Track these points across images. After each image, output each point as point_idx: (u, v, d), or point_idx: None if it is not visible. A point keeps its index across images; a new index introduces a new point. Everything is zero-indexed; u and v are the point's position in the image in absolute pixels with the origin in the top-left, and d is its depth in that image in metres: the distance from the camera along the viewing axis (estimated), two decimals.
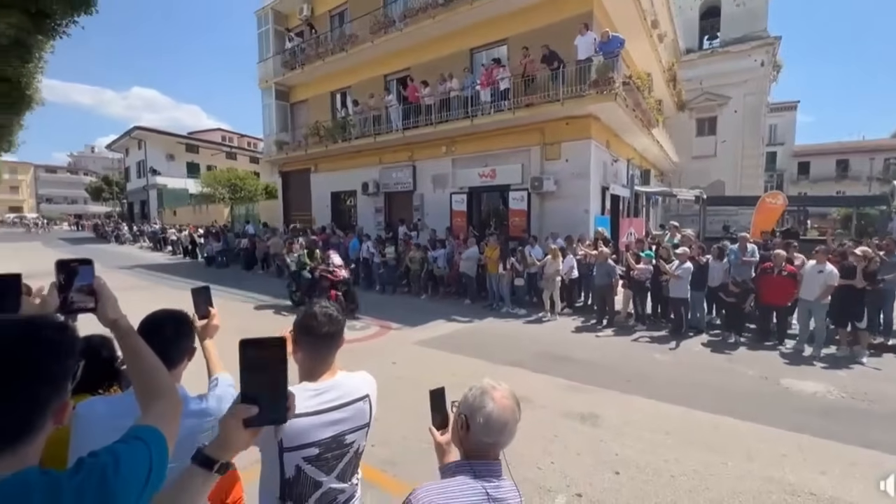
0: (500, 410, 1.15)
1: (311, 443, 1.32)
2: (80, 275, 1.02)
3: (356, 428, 1.41)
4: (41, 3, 4.97)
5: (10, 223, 45.79)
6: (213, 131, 44.09)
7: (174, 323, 1.38)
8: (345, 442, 1.38)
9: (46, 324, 0.74)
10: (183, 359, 1.40)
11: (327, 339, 1.41)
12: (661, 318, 7.85)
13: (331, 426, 1.35)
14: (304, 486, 1.34)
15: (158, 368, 1.00)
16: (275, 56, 17.28)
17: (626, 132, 12.44)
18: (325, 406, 1.36)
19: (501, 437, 1.16)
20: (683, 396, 4.72)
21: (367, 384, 1.50)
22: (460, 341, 6.92)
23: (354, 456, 1.43)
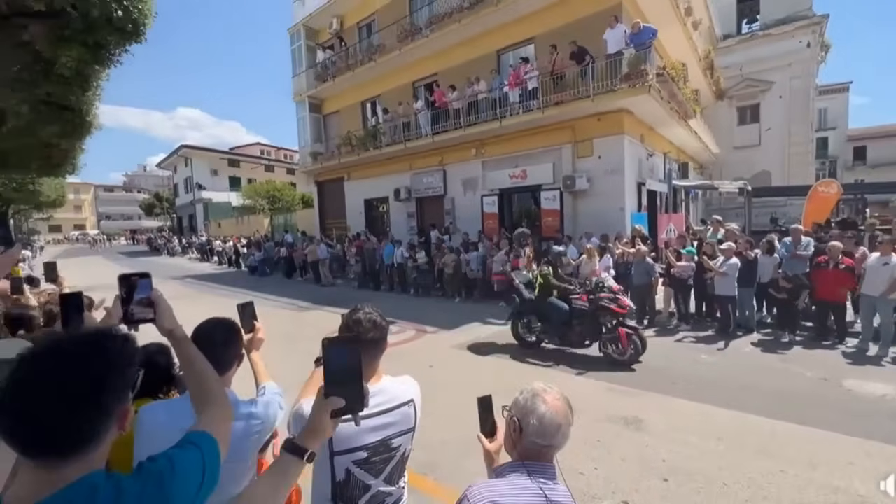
0: (553, 413, 1.17)
1: (359, 447, 1.36)
2: (139, 288, 1.10)
3: (402, 432, 1.44)
4: (98, 35, 5.35)
5: (74, 240, 49.71)
6: (253, 146, 46.15)
7: (224, 331, 1.46)
8: (391, 446, 1.42)
9: (110, 336, 0.80)
10: (232, 364, 1.48)
11: (372, 345, 1.43)
12: (706, 317, 7.51)
13: (378, 430, 1.39)
14: (354, 488, 1.39)
15: (211, 375, 1.07)
16: (307, 70, 17.90)
17: (662, 125, 12.02)
18: (372, 411, 1.37)
19: (555, 440, 1.17)
20: (734, 400, 4.48)
21: (412, 389, 1.52)
22: (496, 344, 6.88)
23: (401, 460, 1.46)
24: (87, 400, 0.71)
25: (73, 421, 0.70)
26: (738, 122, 21.61)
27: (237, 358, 1.51)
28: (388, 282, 12.63)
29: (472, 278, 10.64)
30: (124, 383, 0.77)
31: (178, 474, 0.76)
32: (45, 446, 0.68)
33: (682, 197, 13.70)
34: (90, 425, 0.71)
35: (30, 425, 0.67)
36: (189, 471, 0.79)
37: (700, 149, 16.61)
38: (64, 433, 0.69)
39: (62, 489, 0.67)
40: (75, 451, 0.70)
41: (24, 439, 0.68)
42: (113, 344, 0.78)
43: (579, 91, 9.90)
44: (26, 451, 0.69)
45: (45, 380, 0.69)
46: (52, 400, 0.67)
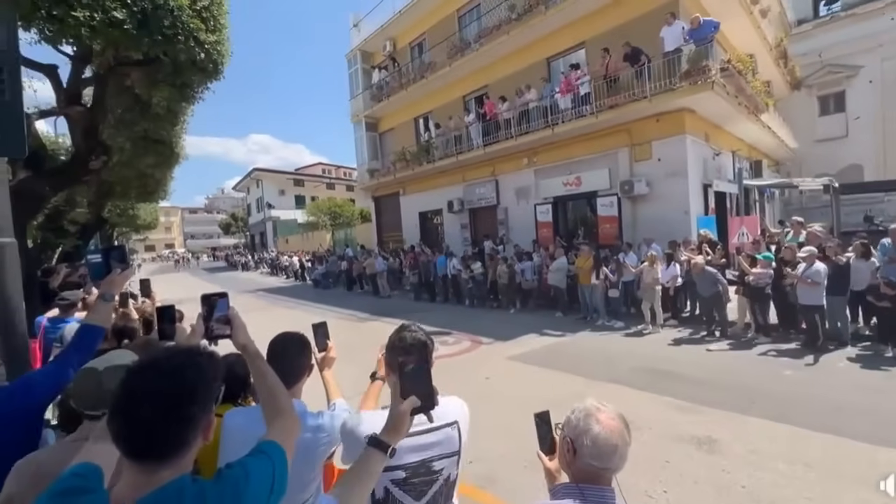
0: (608, 433, 1.10)
1: (398, 466, 1.33)
2: (218, 307, 1.24)
3: (445, 455, 1.39)
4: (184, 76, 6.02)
5: (165, 258, 55.49)
6: (315, 166, 49.10)
7: (295, 344, 1.59)
8: (433, 468, 1.38)
9: (200, 353, 0.91)
10: (303, 375, 1.60)
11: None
12: (788, 329, 6.83)
13: (418, 450, 1.36)
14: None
15: (279, 389, 1.17)
16: (363, 92, 18.81)
17: (729, 122, 11.24)
18: (412, 429, 1.32)
19: (612, 462, 1.10)
20: (827, 422, 4.02)
21: (457, 410, 1.46)
22: (554, 356, 6.72)
23: (445, 485, 1.40)
24: (181, 410, 0.81)
25: (170, 428, 0.79)
26: (820, 113, 19.62)
27: (306, 370, 1.63)
28: (443, 293, 12.78)
29: (526, 288, 10.50)
30: (210, 396, 0.88)
31: (252, 482, 0.85)
32: (146, 449, 0.79)
33: (756, 198, 12.63)
34: (182, 433, 0.81)
35: (135, 429, 0.78)
36: (261, 478, 0.87)
37: (775, 144, 15.25)
38: (162, 439, 0.79)
39: (156, 490, 0.78)
40: (169, 455, 0.80)
41: (129, 442, 0.78)
42: (202, 360, 0.89)
43: (635, 93, 9.54)
44: (132, 454, 0.80)
45: (148, 390, 0.80)
46: (153, 408, 0.78)
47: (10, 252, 2.72)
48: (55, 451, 1.29)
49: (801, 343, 6.34)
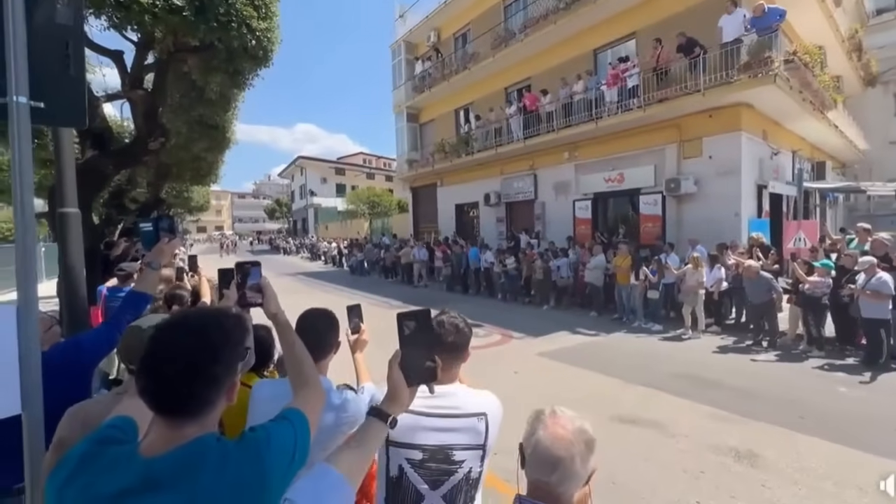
0: (551, 441, 0.95)
1: (415, 444, 1.32)
2: (251, 275, 1.28)
3: (468, 446, 1.33)
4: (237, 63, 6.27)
5: (215, 239, 58.25)
6: (356, 155, 50.09)
7: (324, 319, 1.62)
8: (453, 458, 1.32)
9: (227, 315, 0.93)
10: (330, 351, 1.62)
11: (451, 349, 1.41)
12: (846, 343, 6.33)
13: (437, 432, 1.33)
14: (406, 492, 1.33)
15: (307, 360, 1.19)
16: (406, 83, 18.93)
17: (791, 119, 10.47)
18: (433, 410, 1.34)
19: (551, 477, 0.94)
20: (886, 444, 3.71)
21: (487, 403, 1.41)
22: (586, 355, 6.57)
23: (465, 481, 1.33)
24: (204, 368, 0.82)
25: (193, 385, 0.81)
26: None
27: (334, 346, 1.65)
28: (476, 286, 12.76)
29: (561, 286, 10.29)
30: (235, 357, 0.89)
31: (274, 445, 0.87)
32: (172, 405, 0.82)
33: (817, 202, 11.73)
34: (205, 391, 0.83)
35: (159, 385, 0.81)
36: (283, 443, 0.89)
37: (841, 145, 14.06)
38: (185, 396, 0.81)
39: (182, 445, 0.80)
40: (193, 412, 0.82)
41: (153, 396, 0.81)
42: (228, 322, 0.90)
43: (687, 86, 9.05)
44: (158, 409, 0.82)
45: (172, 347, 0.82)
46: (176, 365, 0.80)
47: (73, 221, 2.96)
48: (102, 402, 1.38)
49: (859, 359, 5.87)
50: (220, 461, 0.80)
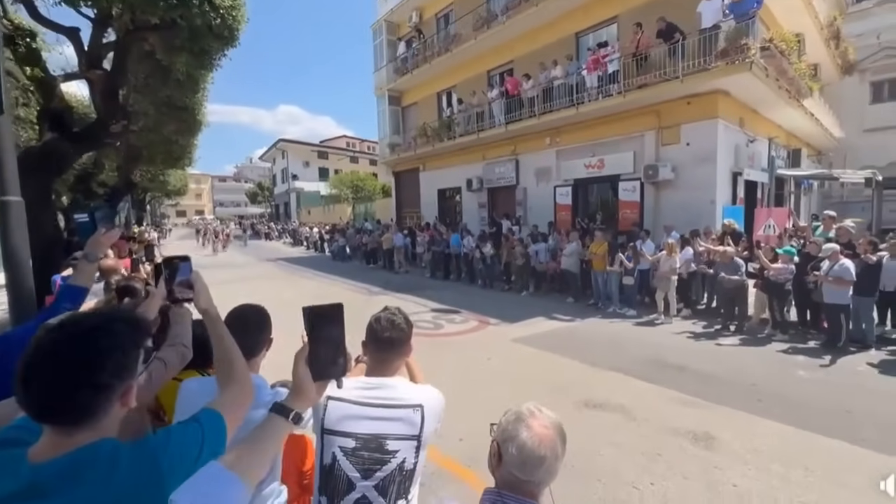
0: (537, 442, 0.99)
1: (348, 433, 1.34)
2: (180, 270, 1.23)
3: (402, 436, 1.35)
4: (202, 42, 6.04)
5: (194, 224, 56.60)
6: (339, 138, 49.16)
7: (256, 316, 1.58)
8: (386, 448, 1.34)
9: (117, 320, 0.87)
10: (262, 349, 1.58)
11: (387, 344, 1.46)
12: (808, 327, 6.54)
13: (371, 421, 1.35)
14: (338, 481, 1.33)
15: (237, 356, 1.15)
16: (388, 64, 18.51)
17: (767, 106, 10.57)
18: (368, 400, 1.38)
19: (535, 475, 0.99)
20: (838, 427, 3.86)
21: (426, 396, 1.44)
22: (560, 340, 6.66)
23: (399, 472, 1.34)
24: (87, 376, 0.79)
25: (70, 397, 0.77)
26: (872, 101, 18.24)
27: (266, 343, 1.62)
28: (457, 272, 12.78)
29: (540, 271, 10.37)
30: (126, 364, 0.85)
31: (173, 448, 0.84)
32: (50, 415, 0.78)
33: (792, 189, 11.94)
34: (90, 399, 0.79)
35: (33, 398, 0.77)
36: (186, 445, 0.86)
37: (817, 133, 14.30)
38: (61, 407, 0.77)
39: (70, 451, 0.77)
40: (79, 422, 0.79)
41: (30, 409, 0.78)
42: (119, 326, 0.85)
43: (666, 72, 9.04)
44: (37, 419, 0.79)
45: (51, 356, 0.78)
46: (56, 373, 0.76)
47: (16, 210, 2.83)
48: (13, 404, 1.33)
49: (820, 343, 6.08)
50: (109, 468, 0.78)
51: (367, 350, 1.54)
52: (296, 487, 2.12)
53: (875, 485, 3.05)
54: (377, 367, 1.49)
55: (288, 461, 2.08)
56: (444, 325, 7.76)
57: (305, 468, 2.18)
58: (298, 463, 2.16)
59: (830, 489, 3.03)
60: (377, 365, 1.49)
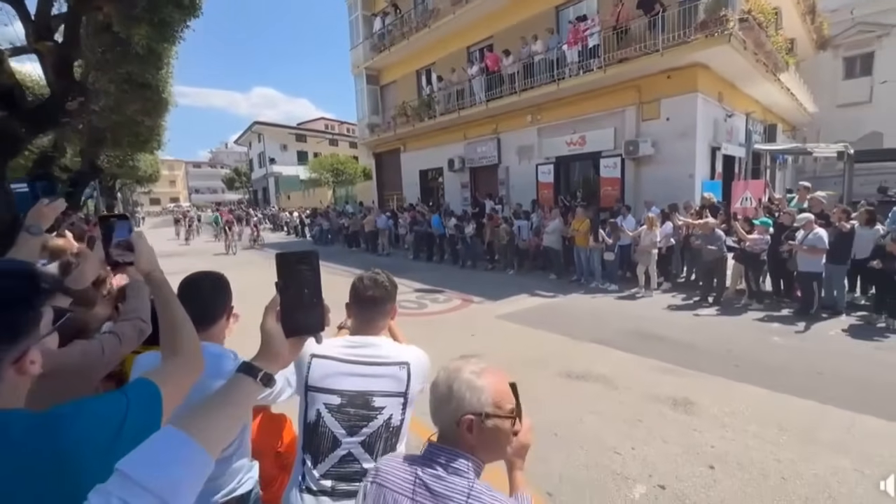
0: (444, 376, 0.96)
1: (334, 389, 1.33)
2: (116, 230, 1.09)
3: (388, 393, 1.35)
4: (162, 13, 5.68)
5: (170, 211, 54.71)
6: (317, 121, 47.97)
7: (210, 281, 1.46)
8: (373, 404, 1.33)
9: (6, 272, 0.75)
10: (220, 316, 1.47)
11: (370, 303, 1.46)
12: (782, 296, 6.70)
13: (356, 378, 1.35)
14: (322, 437, 1.32)
15: (184, 324, 1.03)
16: (364, 41, 17.94)
17: (745, 81, 10.63)
18: (353, 357, 1.38)
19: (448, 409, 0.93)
20: (810, 388, 3.97)
21: (412, 355, 1.43)
22: (542, 316, 6.68)
23: (385, 428, 1.33)
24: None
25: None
26: (845, 76, 18.56)
27: (226, 310, 1.51)
28: (440, 253, 12.70)
29: (523, 249, 10.37)
30: (14, 323, 0.73)
31: (82, 420, 0.73)
32: None
33: (767, 164, 12.13)
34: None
35: None
36: (102, 417, 0.76)
37: (793, 108, 14.53)
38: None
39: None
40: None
41: None
42: (5, 283, 0.73)
43: (646, 45, 8.96)
44: None
45: None
46: None
47: None
48: None
49: (793, 311, 6.24)
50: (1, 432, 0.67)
51: (351, 312, 1.54)
52: (273, 468, 2.04)
53: (848, 442, 3.16)
54: (361, 327, 1.48)
55: (263, 439, 2.00)
56: (427, 304, 7.71)
57: (283, 448, 2.10)
58: (274, 441, 2.08)
59: (802, 446, 3.11)
60: (361, 325, 1.49)
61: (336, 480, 1.30)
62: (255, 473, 1.57)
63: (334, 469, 1.30)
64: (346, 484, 1.29)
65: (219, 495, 1.41)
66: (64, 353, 1.38)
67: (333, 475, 1.30)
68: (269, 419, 2.10)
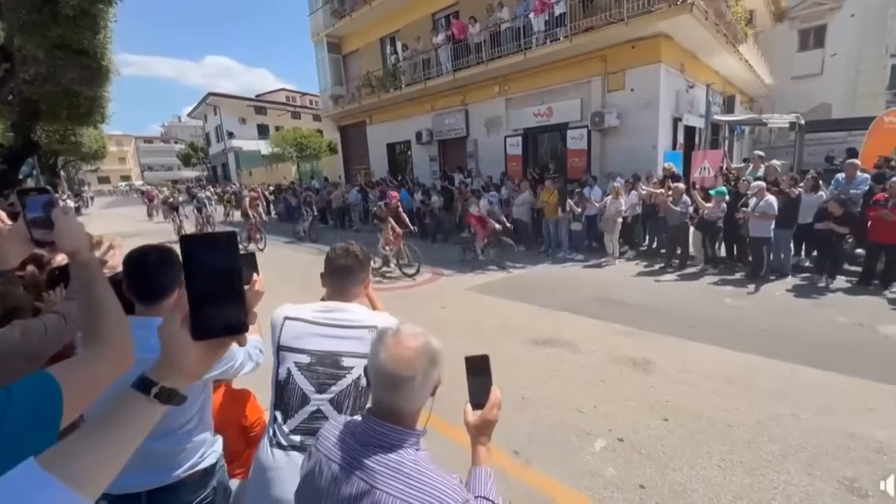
0: (392, 362, 0.90)
1: (304, 349, 1.39)
2: (29, 206, 0.94)
3: (356, 354, 1.39)
4: None
5: (122, 192, 51.13)
6: (277, 92, 45.61)
7: (158, 254, 1.39)
8: (342, 364, 1.38)
9: None
10: (170, 292, 1.39)
11: (342, 272, 1.54)
12: (736, 261, 7.08)
13: (326, 339, 1.41)
14: (292, 395, 1.36)
15: (109, 310, 0.90)
16: (324, 6, 17.01)
17: (706, 52, 10.81)
18: (323, 319, 1.44)
19: (394, 397, 0.91)
20: (756, 344, 4.27)
21: (384, 320, 1.48)
22: (511, 287, 6.81)
23: (354, 387, 1.37)
24: None
25: None
26: (799, 48, 19.19)
27: (175, 286, 1.44)
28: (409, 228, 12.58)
29: None
30: None
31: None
32: None
33: (726, 134, 12.57)
34: None
35: None
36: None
37: (751, 80, 14.97)
38: None
39: None
40: None
41: None
42: None
43: (612, 14, 8.91)
44: None
45: None
46: None
47: None
48: None
49: (745, 274, 6.61)
50: None
51: (325, 281, 1.60)
52: (238, 442, 2.03)
53: (787, 391, 3.43)
54: (334, 295, 1.56)
55: (226, 414, 1.97)
56: (397, 278, 7.69)
57: (249, 422, 2.08)
58: (238, 416, 2.06)
59: (746, 396, 3.36)
60: (334, 293, 1.56)
61: (305, 435, 1.33)
62: (218, 447, 1.55)
63: (303, 424, 1.34)
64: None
65: (180, 469, 1.39)
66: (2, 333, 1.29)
67: (302, 430, 1.34)
68: (232, 394, 2.07)
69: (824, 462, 2.60)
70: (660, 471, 2.59)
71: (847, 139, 13.28)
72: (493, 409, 1.06)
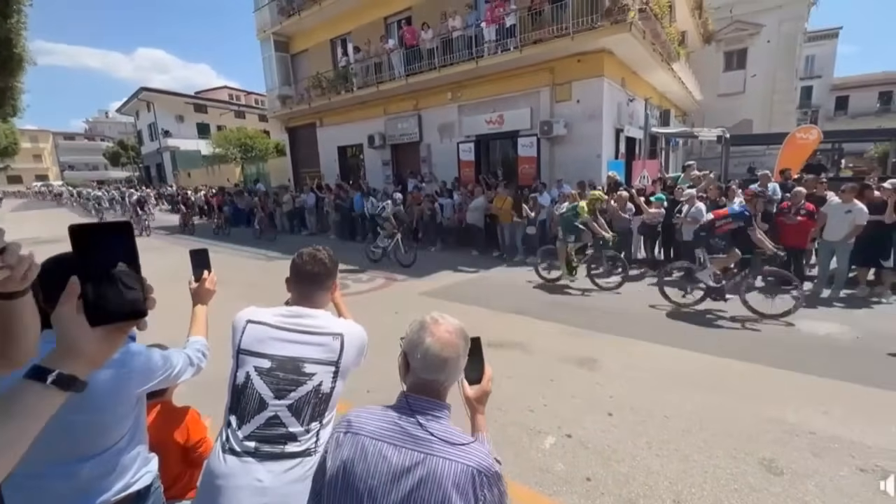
0: (439, 347, 1.05)
1: (265, 353, 1.37)
2: None
3: (319, 360, 1.38)
4: None
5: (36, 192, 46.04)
6: (220, 89, 43.39)
7: None
8: (303, 370, 1.36)
9: None
10: None
11: (309, 278, 1.52)
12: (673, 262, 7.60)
13: (289, 343, 1.38)
14: (249, 399, 1.33)
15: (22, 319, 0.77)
16: (270, 3, 16.44)
17: (644, 68, 11.59)
18: (286, 325, 1.42)
19: (441, 375, 1.06)
20: (691, 339, 4.64)
21: (349, 328, 1.48)
22: (464, 290, 6.89)
23: (315, 394, 1.35)
24: None
25: None
26: (725, 68, 21.08)
27: None
28: (363, 232, 12.40)
29: (446, 227, 10.50)
30: None
31: None
32: None
33: (662, 145, 13.53)
34: None
35: None
36: None
37: (683, 95, 16.24)
38: None
39: None
40: None
41: None
42: None
43: (559, 28, 9.34)
44: None
45: None
46: None
47: None
48: None
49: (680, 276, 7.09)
50: None
51: (290, 286, 1.57)
52: (177, 464, 1.88)
53: (712, 382, 3.73)
54: (300, 301, 1.52)
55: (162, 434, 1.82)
56: (350, 284, 7.54)
57: (191, 442, 1.93)
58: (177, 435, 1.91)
59: (682, 389, 3.62)
60: (300, 299, 1.53)
61: (260, 442, 1.30)
62: (153, 467, 1.44)
63: (259, 431, 1.31)
64: (270, 446, 1.30)
65: (109, 493, 1.27)
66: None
67: (258, 437, 1.30)
68: (169, 412, 1.92)
69: (747, 445, 2.86)
70: (604, 463, 2.72)
71: (766, 152, 14.72)
72: (488, 382, 1.31)
